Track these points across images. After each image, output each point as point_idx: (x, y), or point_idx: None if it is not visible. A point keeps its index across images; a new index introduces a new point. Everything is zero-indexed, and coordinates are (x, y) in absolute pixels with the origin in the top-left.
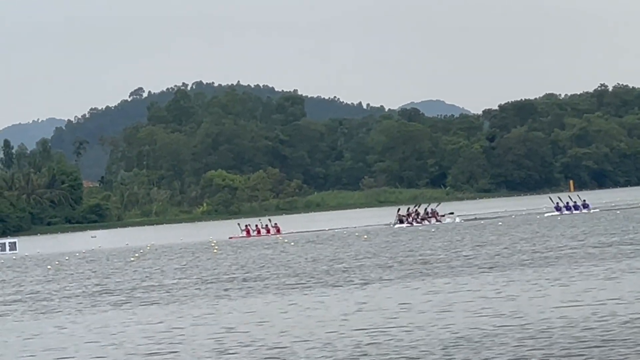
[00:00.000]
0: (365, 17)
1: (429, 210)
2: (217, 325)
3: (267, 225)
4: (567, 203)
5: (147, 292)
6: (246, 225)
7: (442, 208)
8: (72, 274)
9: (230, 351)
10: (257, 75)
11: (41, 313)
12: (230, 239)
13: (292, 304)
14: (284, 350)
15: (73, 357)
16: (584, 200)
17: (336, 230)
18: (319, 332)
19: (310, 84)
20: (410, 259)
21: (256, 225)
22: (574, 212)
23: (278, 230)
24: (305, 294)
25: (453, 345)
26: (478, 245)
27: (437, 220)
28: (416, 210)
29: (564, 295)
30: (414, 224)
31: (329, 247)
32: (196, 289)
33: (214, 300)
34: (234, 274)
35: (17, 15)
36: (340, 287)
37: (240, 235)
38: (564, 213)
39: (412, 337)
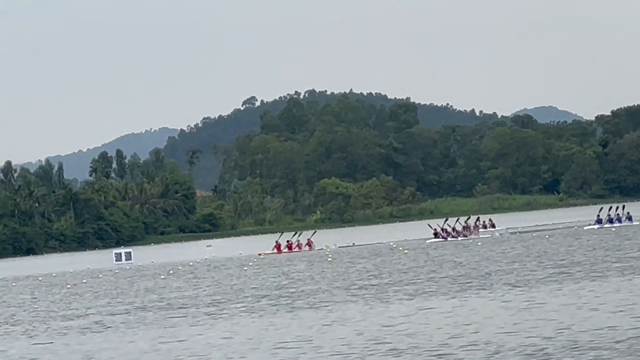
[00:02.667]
0: (476, 25)
1: (464, 224)
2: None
3: (299, 241)
4: (609, 215)
5: (290, 298)
6: (276, 241)
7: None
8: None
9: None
10: (370, 83)
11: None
12: (260, 256)
13: (427, 309)
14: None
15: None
16: (628, 213)
17: (374, 245)
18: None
19: (423, 91)
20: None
21: (287, 241)
22: (616, 224)
23: (310, 246)
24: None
25: None
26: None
27: (474, 234)
28: (453, 226)
29: None
30: (449, 239)
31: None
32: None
33: (362, 305)
34: (360, 280)
35: (128, 25)
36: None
37: (271, 251)
38: (604, 226)
39: None
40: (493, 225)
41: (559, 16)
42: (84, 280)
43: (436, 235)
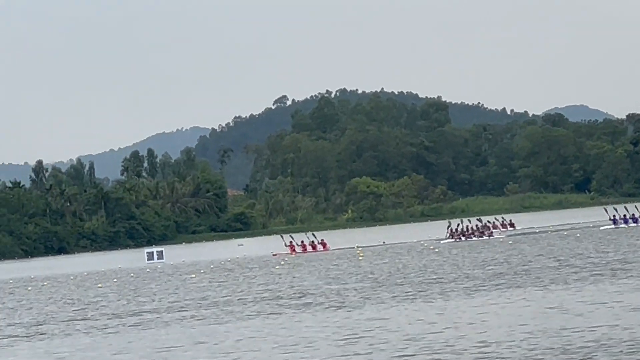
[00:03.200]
0: (507, 23)
1: (479, 225)
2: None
3: (313, 242)
4: (625, 215)
5: (321, 296)
6: (290, 242)
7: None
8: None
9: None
10: (402, 82)
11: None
12: (274, 256)
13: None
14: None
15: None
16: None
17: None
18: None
19: (455, 89)
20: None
21: (302, 242)
22: (631, 224)
23: (325, 246)
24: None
25: None
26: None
27: (488, 235)
28: (467, 226)
29: None
30: (462, 238)
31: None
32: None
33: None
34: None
35: (160, 24)
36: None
37: (285, 252)
38: (620, 226)
39: None
40: (512, 225)
41: (591, 15)
42: (140, 277)
43: (452, 235)
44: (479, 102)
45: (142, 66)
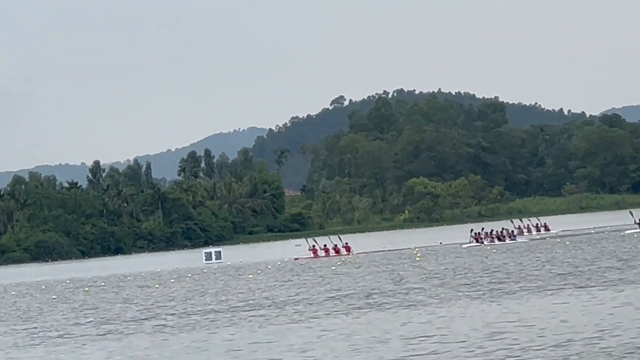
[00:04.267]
0: (565, 24)
1: (503, 230)
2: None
3: (336, 245)
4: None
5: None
6: (313, 245)
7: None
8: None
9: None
10: (459, 82)
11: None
12: (296, 260)
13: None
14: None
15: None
16: None
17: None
18: None
19: (512, 90)
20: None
21: (324, 245)
22: None
23: (349, 250)
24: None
25: None
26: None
27: (511, 239)
28: (490, 231)
29: None
30: (485, 243)
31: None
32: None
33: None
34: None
35: (217, 25)
36: None
37: (307, 256)
38: None
39: None
40: (547, 229)
41: None
42: (199, 277)
43: (476, 239)
44: (536, 103)
45: (200, 67)
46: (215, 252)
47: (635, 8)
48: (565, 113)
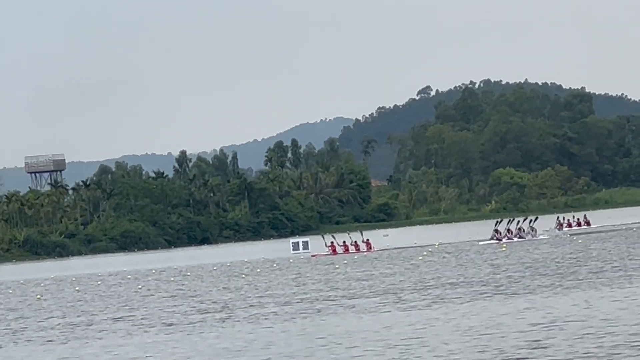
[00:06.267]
0: None
1: (523, 226)
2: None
3: (356, 242)
4: None
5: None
6: (332, 242)
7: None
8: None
9: None
10: (545, 73)
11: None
12: (313, 257)
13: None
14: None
15: None
16: None
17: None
18: None
19: (598, 80)
20: None
21: (343, 242)
22: None
23: (369, 247)
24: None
25: None
26: None
27: (533, 237)
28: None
29: None
30: (503, 240)
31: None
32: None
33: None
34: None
35: (304, 14)
36: None
37: (326, 252)
38: None
39: None
40: (588, 223)
41: None
42: (287, 267)
43: (494, 237)
44: (622, 93)
45: (286, 57)
46: (302, 242)
47: None
48: None
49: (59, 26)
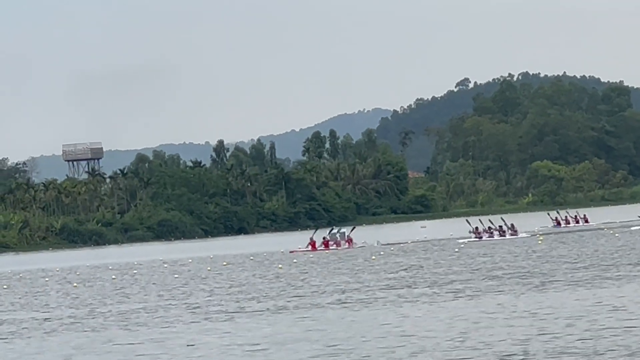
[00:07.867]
0: None
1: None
2: None
3: (337, 238)
4: None
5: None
6: (310, 238)
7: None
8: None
9: None
10: (583, 66)
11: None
12: (291, 253)
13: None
14: None
15: None
16: None
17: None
18: None
19: (637, 74)
20: None
21: (323, 238)
22: None
23: (350, 243)
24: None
25: None
26: None
27: (511, 235)
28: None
29: None
30: (484, 238)
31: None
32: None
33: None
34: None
35: (343, 5)
36: None
37: (305, 248)
38: None
39: None
40: (586, 221)
41: None
42: (323, 259)
43: (474, 233)
44: None
45: (324, 47)
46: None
47: None
48: None
49: (99, 13)
